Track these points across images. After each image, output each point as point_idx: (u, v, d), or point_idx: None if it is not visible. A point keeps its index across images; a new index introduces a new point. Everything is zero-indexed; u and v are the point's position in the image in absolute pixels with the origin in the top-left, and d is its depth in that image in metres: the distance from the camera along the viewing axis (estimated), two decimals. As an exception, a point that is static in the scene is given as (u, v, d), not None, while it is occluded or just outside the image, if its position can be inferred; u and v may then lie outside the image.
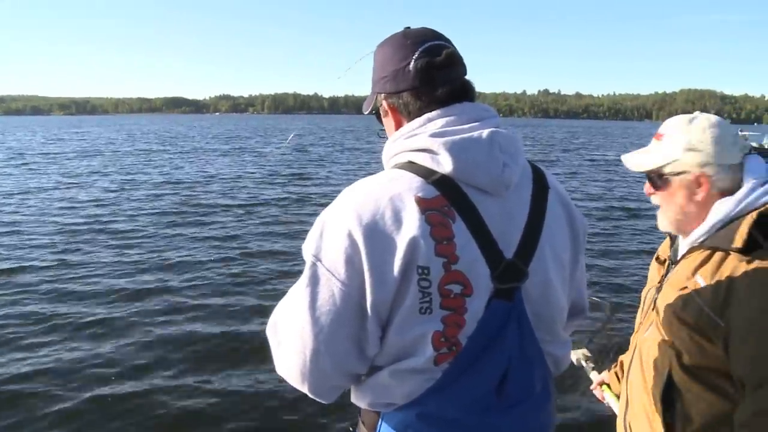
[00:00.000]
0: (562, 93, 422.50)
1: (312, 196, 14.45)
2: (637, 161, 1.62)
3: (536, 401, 1.22)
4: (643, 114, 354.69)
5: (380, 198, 1.10)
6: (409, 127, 1.19)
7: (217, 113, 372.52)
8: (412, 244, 1.05)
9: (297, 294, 1.15)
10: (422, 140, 1.15)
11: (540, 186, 1.22)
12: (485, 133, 1.14)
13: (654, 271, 1.70)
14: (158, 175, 18.59)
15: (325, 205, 1.14)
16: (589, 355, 2.29)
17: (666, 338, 1.49)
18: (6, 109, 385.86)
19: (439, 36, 1.23)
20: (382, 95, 1.26)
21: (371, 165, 22.62)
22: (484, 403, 1.15)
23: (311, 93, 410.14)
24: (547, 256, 1.18)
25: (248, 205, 12.96)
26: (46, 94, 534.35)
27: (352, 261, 1.07)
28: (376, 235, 1.07)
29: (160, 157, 26.44)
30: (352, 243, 1.07)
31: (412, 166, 1.15)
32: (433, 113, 1.18)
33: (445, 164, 1.11)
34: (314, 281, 1.11)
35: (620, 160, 1.71)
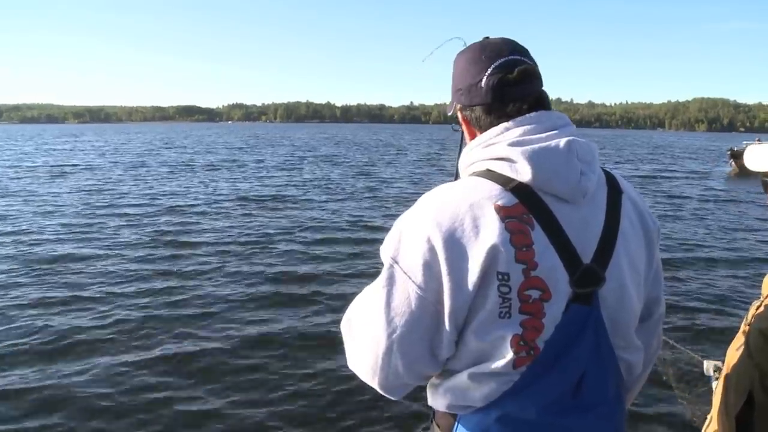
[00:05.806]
0: (575, 102, 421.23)
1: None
2: (755, 159, 1.46)
3: (610, 406, 1.23)
4: (655, 122, 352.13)
5: (459, 205, 1.11)
6: (486, 135, 1.20)
7: (230, 122, 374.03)
8: (493, 251, 1.06)
9: (373, 293, 1.17)
10: (500, 149, 1.15)
11: (614, 191, 1.24)
12: (563, 141, 1.14)
13: (765, 286, 1.60)
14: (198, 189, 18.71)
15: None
16: (721, 367, 2.18)
17: (752, 355, 1.41)
18: (21, 117, 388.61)
19: (516, 49, 1.24)
20: (458, 106, 1.30)
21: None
22: (560, 405, 1.16)
23: (323, 101, 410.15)
24: (622, 261, 1.18)
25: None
26: (61, 103, 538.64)
27: (429, 266, 1.09)
28: (455, 242, 1.08)
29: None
30: (431, 249, 1.08)
31: (490, 174, 1.16)
32: (510, 122, 1.18)
33: (523, 173, 1.11)
34: (390, 282, 1.13)
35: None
